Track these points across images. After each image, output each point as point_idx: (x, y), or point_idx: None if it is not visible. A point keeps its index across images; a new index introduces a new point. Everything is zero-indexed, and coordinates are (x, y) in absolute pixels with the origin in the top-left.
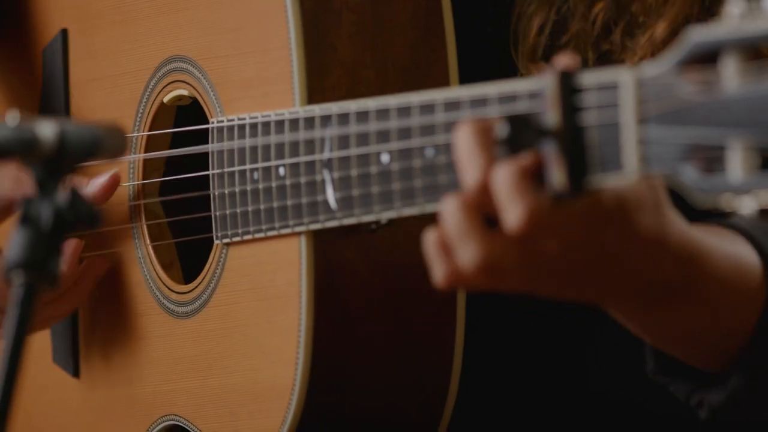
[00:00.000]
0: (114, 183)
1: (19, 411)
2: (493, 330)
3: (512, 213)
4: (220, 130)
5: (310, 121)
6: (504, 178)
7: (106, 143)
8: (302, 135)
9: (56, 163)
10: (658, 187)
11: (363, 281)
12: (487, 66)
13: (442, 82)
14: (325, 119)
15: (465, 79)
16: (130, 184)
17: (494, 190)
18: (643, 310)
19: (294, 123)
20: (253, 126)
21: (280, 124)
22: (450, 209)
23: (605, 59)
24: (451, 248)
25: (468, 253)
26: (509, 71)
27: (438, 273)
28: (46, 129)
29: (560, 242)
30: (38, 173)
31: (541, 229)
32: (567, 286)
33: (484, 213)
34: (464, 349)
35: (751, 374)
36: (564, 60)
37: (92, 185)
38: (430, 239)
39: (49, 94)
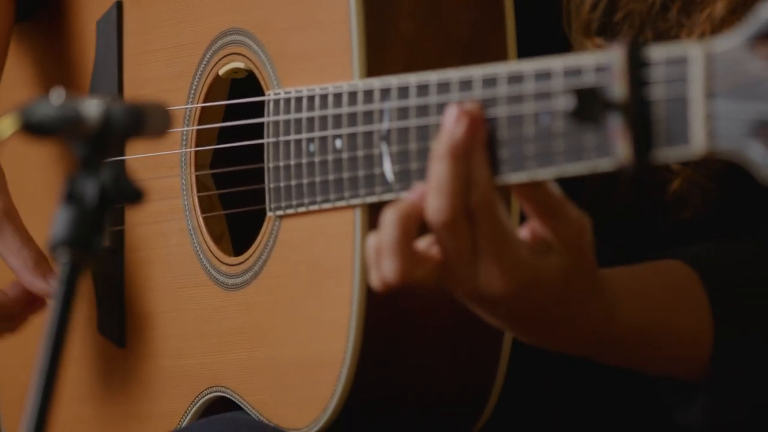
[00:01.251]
0: None
1: (65, 380)
2: None
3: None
4: (277, 102)
5: (368, 94)
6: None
7: (151, 121)
8: (360, 107)
9: (100, 142)
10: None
11: None
12: (540, 42)
13: (501, 58)
14: (385, 92)
15: (521, 55)
16: (183, 151)
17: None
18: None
19: (352, 96)
20: (311, 98)
21: (338, 96)
22: (387, 220)
23: (662, 37)
24: (380, 257)
25: (389, 267)
26: (562, 48)
27: (372, 277)
28: (91, 107)
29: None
30: (82, 151)
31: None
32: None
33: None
34: None
35: (714, 399)
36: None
37: None
38: (369, 242)
39: (102, 67)
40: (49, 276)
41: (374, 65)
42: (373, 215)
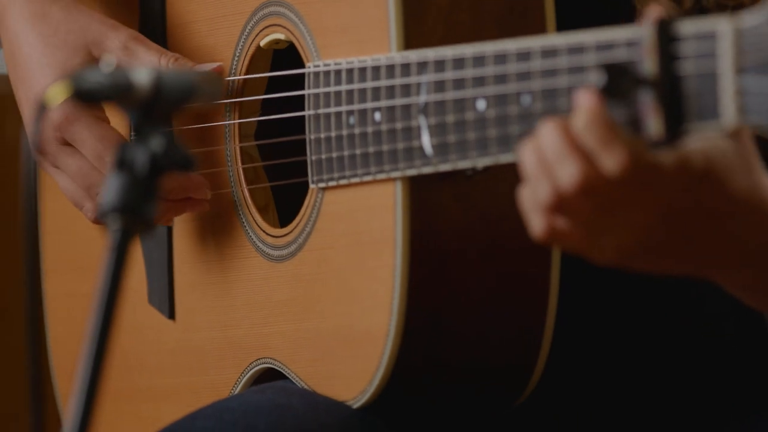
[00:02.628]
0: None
1: (115, 350)
2: (588, 276)
3: (613, 154)
4: (317, 74)
5: (406, 68)
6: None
7: (202, 88)
8: (398, 80)
9: (151, 109)
10: (750, 152)
11: (458, 226)
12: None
13: (539, 27)
14: (422, 65)
15: (584, 15)
16: (227, 123)
17: (595, 131)
18: (752, 279)
19: (390, 69)
20: (350, 71)
21: (376, 69)
22: (549, 130)
23: (722, 7)
24: (550, 168)
25: (569, 171)
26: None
27: (541, 193)
28: (142, 75)
29: (656, 196)
30: (133, 118)
31: (638, 174)
32: (666, 256)
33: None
34: (559, 296)
35: None
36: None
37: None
38: (528, 158)
39: (146, 36)
40: None
41: (411, 37)
42: (413, 188)
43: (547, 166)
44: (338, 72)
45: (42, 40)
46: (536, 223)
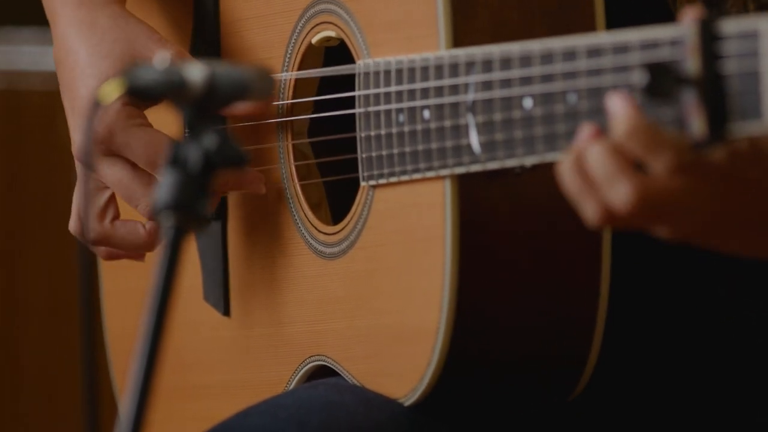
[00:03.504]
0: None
1: (170, 347)
2: (639, 268)
3: (660, 158)
4: (367, 74)
5: (454, 67)
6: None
7: (255, 85)
8: (446, 80)
9: (204, 106)
10: None
11: (507, 223)
12: (639, 5)
13: (588, 24)
14: (470, 65)
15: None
16: (279, 120)
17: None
18: None
19: (439, 69)
20: (399, 71)
21: (425, 69)
22: (595, 151)
23: (764, 8)
24: (598, 188)
25: (621, 192)
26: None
27: (589, 211)
28: (195, 72)
29: (710, 189)
30: (186, 115)
31: (688, 172)
32: (719, 235)
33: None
34: (611, 287)
35: None
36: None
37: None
38: (571, 180)
39: (200, 34)
40: None
41: (460, 34)
42: (462, 185)
43: (595, 188)
44: (388, 72)
45: (88, 49)
46: (590, 208)
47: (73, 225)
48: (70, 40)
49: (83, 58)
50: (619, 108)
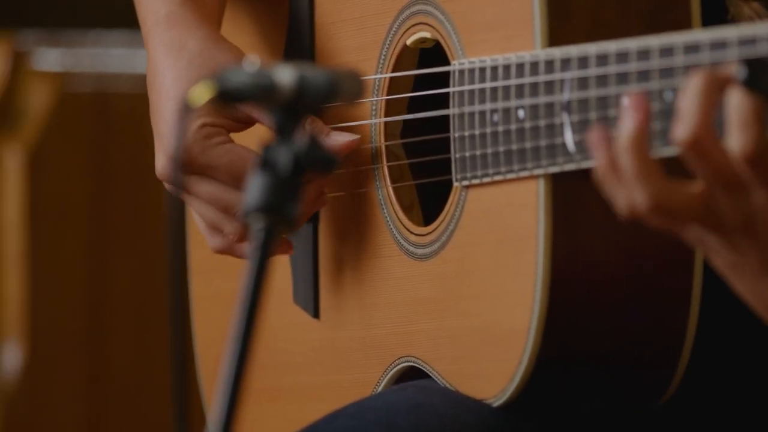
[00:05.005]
0: (353, 146)
1: (259, 349)
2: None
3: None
4: (461, 72)
5: (550, 65)
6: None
7: (344, 88)
8: (542, 77)
9: (294, 108)
10: None
11: (600, 224)
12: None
13: (685, 24)
14: (565, 62)
15: None
16: (373, 121)
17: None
18: None
19: (534, 66)
20: (494, 68)
21: (520, 67)
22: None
23: None
24: (625, 183)
25: (640, 195)
26: (717, 10)
27: (619, 202)
28: (285, 75)
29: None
30: (276, 118)
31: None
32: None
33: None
34: (703, 287)
35: None
36: None
37: (332, 139)
38: (605, 171)
39: (294, 36)
40: None
41: (556, 35)
42: (556, 185)
43: (622, 182)
44: (483, 69)
45: (174, 72)
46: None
47: (234, 234)
48: (159, 62)
49: (169, 82)
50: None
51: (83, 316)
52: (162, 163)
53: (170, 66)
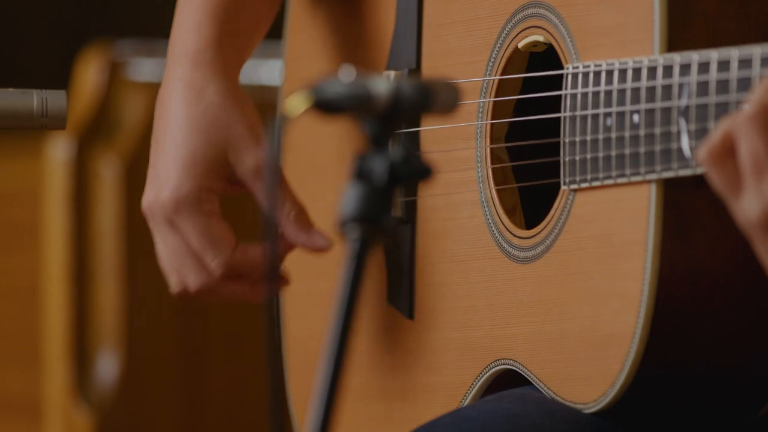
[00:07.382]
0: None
1: (355, 350)
2: None
3: None
4: (575, 75)
5: (668, 69)
6: None
7: (439, 98)
8: (659, 82)
9: (390, 119)
10: None
11: (710, 232)
12: None
13: None
14: (685, 68)
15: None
16: (479, 123)
17: None
18: None
19: (652, 70)
20: (609, 72)
21: (637, 71)
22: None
23: None
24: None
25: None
26: None
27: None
28: (381, 85)
29: None
30: (372, 129)
31: None
32: None
33: None
34: None
35: None
36: None
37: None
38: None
39: (401, 37)
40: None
41: (675, 42)
42: (667, 191)
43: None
44: (597, 73)
45: (186, 117)
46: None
47: (175, 287)
48: (174, 101)
49: (179, 125)
50: None
51: (179, 325)
52: (149, 198)
53: (184, 108)
